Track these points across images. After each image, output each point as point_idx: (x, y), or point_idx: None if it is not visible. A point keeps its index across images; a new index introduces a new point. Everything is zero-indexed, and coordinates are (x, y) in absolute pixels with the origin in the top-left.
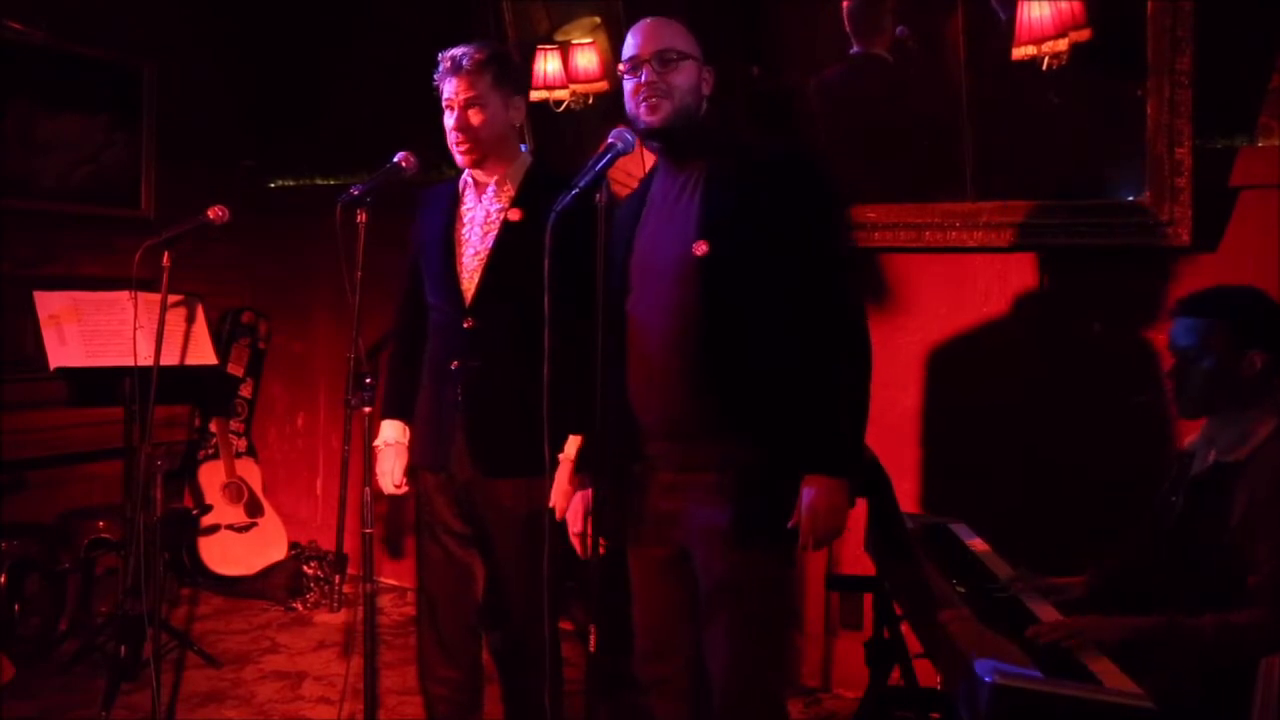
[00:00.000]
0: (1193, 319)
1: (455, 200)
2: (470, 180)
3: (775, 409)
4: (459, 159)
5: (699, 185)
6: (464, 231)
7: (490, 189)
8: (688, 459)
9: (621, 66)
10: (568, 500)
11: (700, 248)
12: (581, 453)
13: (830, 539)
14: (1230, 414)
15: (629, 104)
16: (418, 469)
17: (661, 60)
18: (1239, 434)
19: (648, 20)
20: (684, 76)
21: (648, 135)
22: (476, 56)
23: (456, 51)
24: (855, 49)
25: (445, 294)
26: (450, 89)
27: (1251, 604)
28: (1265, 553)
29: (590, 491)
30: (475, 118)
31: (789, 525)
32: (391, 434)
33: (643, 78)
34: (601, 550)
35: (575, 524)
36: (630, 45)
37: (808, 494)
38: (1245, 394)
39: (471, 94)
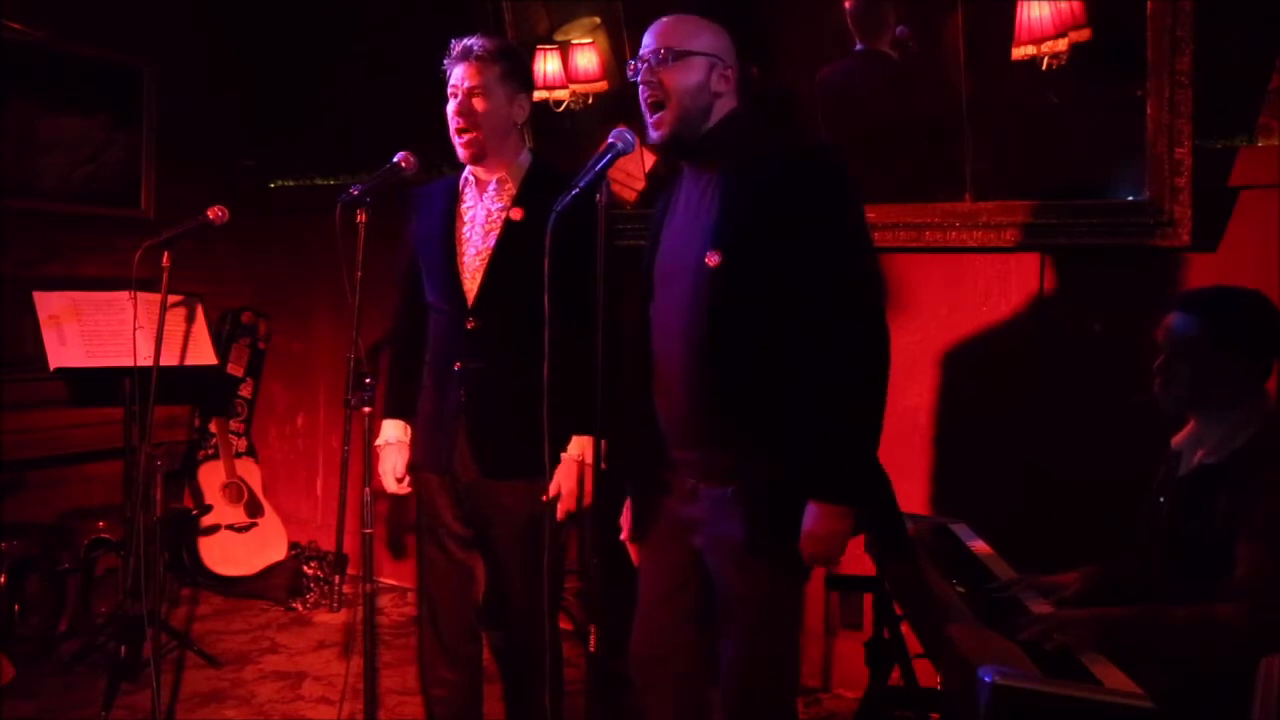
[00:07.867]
0: (1187, 315)
1: (454, 199)
2: (471, 178)
3: (785, 423)
4: (460, 151)
5: (718, 191)
6: (465, 231)
7: (491, 187)
8: (706, 468)
9: (629, 68)
10: (574, 498)
11: (713, 258)
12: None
13: (830, 561)
14: (1216, 415)
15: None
16: (419, 470)
17: (657, 58)
18: (1223, 436)
19: (660, 20)
20: (684, 75)
21: (657, 151)
22: (488, 46)
23: (469, 40)
24: (859, 46)
25: (447, 294)
26: (457, 75)
27: (1231, 600)
28: (1245, 552)
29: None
30: (479, 104)
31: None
32: (393, 433)
33: (639, 76)
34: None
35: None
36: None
37: (808, 519)
38: (1231, 396)
39: (478, 81)
